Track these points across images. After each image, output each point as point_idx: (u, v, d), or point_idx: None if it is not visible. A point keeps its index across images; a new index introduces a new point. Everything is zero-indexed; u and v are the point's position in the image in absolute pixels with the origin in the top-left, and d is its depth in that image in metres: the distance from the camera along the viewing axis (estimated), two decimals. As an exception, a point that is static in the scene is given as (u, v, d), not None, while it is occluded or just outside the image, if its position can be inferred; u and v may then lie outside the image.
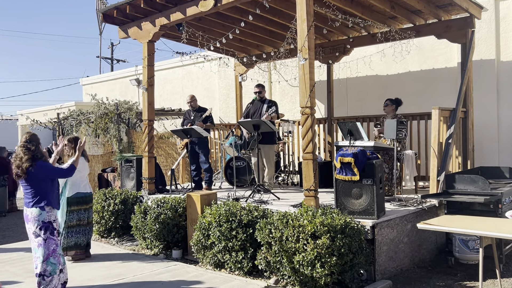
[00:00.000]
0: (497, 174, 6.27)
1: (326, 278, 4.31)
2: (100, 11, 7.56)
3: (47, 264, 4.48)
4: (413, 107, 8.37)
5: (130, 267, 5.62)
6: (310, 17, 5.20)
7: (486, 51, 8.07)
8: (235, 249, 5.15)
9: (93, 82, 17.95)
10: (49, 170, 4.62)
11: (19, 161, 4.45)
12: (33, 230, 4.49)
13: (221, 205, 5.51)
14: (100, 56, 29.15)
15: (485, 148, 7.98)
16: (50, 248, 4.51)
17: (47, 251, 4.50)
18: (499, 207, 5.10)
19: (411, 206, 5.58)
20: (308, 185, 5.18)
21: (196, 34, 7.40)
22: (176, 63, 13.76)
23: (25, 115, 16.97)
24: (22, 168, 4.41)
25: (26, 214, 4.53)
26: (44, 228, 4.48)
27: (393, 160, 6.22)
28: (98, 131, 11.86)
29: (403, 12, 7.00)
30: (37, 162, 4.47)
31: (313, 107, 5.22)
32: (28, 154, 4.45)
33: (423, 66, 8.85)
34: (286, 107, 10.65)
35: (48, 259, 4.48)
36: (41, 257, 4.48)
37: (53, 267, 4.50)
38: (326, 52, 8.81)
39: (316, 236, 4.41)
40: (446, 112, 6.35)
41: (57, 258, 4.56)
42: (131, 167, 7.96)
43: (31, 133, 4.69)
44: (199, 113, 7.67)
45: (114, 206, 7.08)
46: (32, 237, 4.52)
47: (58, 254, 4.59)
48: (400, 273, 5.16)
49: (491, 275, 4.91)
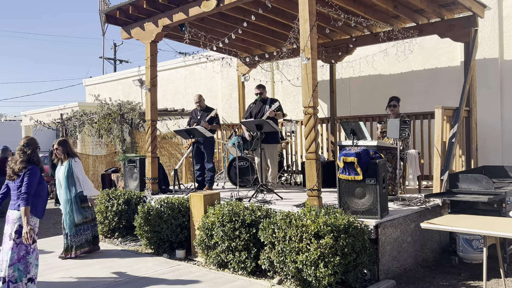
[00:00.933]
0: (501, 173, 6.25)
1: (329, 278, 4.31)
2: (103, 12, 7.58)
3: (13, 269, 4.32)
4: (416, 107, 8.36)
5: (134, 267, 5.64)
6: (312, 17, 5.20)
7: (489, 50, 8.05)
8: (238, 249, 5.16)
9: (96, 82, 18.00)
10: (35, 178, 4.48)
11: (13, 163, 4.49)
12: (9, 232, 4.40)
13: (224, 205, 5.52)
14: (103, 56, 29.24)
15: (488, 147, 7.95)
16: (20, 254, 4.37)
17: (16, 256, 4.36)
18: (503, 206, 5.08)
19: (414, 206, 5.57)
20: (311, 185, 5.18)
21: (198, 34, 7.40)
22: (179, 63, 13.79)
23: (29, 116, 17.04)
24: (14, 169, 4.43)
25: (7, 215, 4.48)
26: (19, 232, 4.37)
27: (396, 159, 6.21)
28: (102, 131, 11.90)
29: (406, 11, 6.99)
30: (30, 166, 4.46)
31: (316, 107, 5.22)
32: (23, 157, 4.48)
33: (426, 65, 8.83)
34: (289, 107, 10.65)
35: (14, 264, 4.33)
36: (8, 261, 4.32)
37: (19, 274, 4.35)
38: (328, 52, 8.80)
39: (319, 236, 4.40)
40: (449, 111, 6.33)
41: (26, 266, 4.40)
42: (134, 167, 7.98)
43: (29, 137, 4.74)
44: (206, 112, 7.68)
45: (117, 207, 7.10)
46: (6, 239, 4.41)
47: (29, 262, 4.42)
48: (404, 273, 5.15)
49: (495, 274, 4.90)
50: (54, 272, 5.55)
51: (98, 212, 7.31)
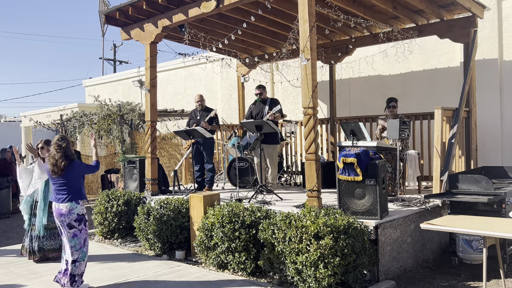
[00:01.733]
0: (501, 173, 6.25)
1: (329, 278, 4.31)
2: (103, 13, 7.59)
3: (80, 252, 4.91)
4: (416, 107, 8.37)
5: (134, 268, 5.64)
6: (312, 18, 5.20)
7: (488, 51, 8.05)
8: (238, 249, 5.16)
9: (96, 83, 18.00)
10: (83, 168, 5.20)
11: (54, 160, 4.85)
12: (67, 222, 4.86)
13: (224, 206, 5.51)
14: (103, 57, 29.24)
15: (488, 147, 7.96)
16: (83, 238, 4.94)
17: (81, 240, 4.92)
18: (502, 207, 5.09)
19: (414, 206, 5.57)
20: (310, 186, 5.18)
21: (198, 35, 7.40)
22: (179, 64, 13.79)
23: (28, 117, 17.03)
24: (59, 166, 4.83)
25: (60, 209, 4.87)
26: (79, 220, 4.90)
27: (396, 160, 6.21)
28: (101, 132, 11.90)
29: (406, 12, 6.99)
30: (74, 161, 4.95)
31: (315, 108, 5.22)
32: (61, 151, 4.86)
33: (426, 66, 8.84)
34: (288, 107, 10.65)
35: (81, 248, 4.92)
36: (76, 246, 4.89)
37: (82, 255, 4.94)
38: (328, 53, 8.81)
39: (319, 236, 4.40)
40: (449, 111, 6.33)
41: (86, 247, 5.01)
42: (134, 168, 7.98)
43: (62, 134, 4.96)
44: (205, 112, 7.67)
45: (117, 207, 7.10)
46: (67, 229, 4.88)
47: (87, 244, 5.04)
48: (404, 274, 5.15)
49: (495, 275, 4.90)
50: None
51: (97, 213, 7.31)
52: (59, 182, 4.88)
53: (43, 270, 5.71)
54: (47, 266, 5.89)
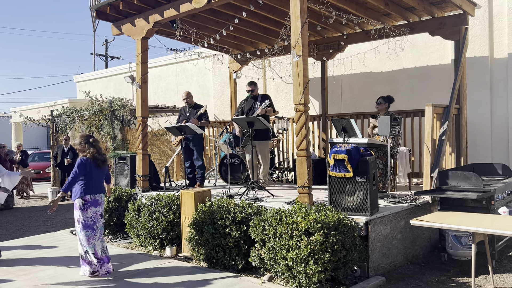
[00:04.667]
0: (490, 170, 6.31)
1: (319, 274, 4.32)
2: (93, 8, 7.51)
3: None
4: (407, 104, 8.40)
5: (124, 265, 5.61)
6: (304, 14, 5.19)
7: (479, 48, 8.10)
8: (229, 246, 5.15)
9: (87, 79, 17.88)
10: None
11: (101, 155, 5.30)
12: (100, 212, 5.26)
13: (215, 202, 5.50)
14: (94, 53, 29.08)
15: (478, 144, 8.02)
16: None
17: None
18: (491, 203, 5.13)
19: (404, 203, 5.60)
20: (302, 182, 5.19)
21: (190, 30, 7.37)
22: (170, 60, 13.74)
23: (19, 113, 16.88)
24: (106, 161, 5.36)
25: (99, 199, 5.25)
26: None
27: (387, 156, 6.24)
28: (92, 128, 11.82)
29: (397, 9, 7.01)
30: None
31: (307, 104, 5.22)
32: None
33: (417, 63, 8.87)
34: (280, 104, 10.66)
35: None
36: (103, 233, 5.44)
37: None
38: (320, 49, 8.81)
39: (309, 232, 4.41)
40: (439, 109, 6.36)
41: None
42: (125, 165, 7.94)
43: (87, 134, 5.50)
44: (194, 109, 7.63)
45: (108, 204, 7.06)
46: (99, 218, 5.25)
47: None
48: (394, 270, 5.18)
49: (483, 271, 4.94)
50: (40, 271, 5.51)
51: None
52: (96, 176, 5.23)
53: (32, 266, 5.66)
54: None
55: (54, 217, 9.41)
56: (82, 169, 5.07)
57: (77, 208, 5.13)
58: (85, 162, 5.11)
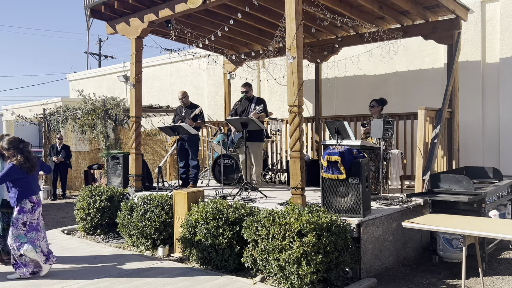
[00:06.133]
0: (481, 174, 6.36)
1: (311, 275, 4.34)
2: (88, 6, 7.48)
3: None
4: (399, 107, 8.46)
5: (116, 265, 5.59)
6: (299, 16, 5.22)
7: (472, 53, 8.18)
8: (222, 246, 5.16)
9: (80, 78, 17.79)
10: None
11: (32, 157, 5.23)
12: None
13: (208, 203, 5.50)
14: (87, 51, 28.92)
15: (470, 148, 8.08)
16: None
17: None
18: (482, 206, 5.17)
19: (396, 205, 5.64)
20: (295, 183, 5.20)
21: (184, 31, 7.37)
22: (165, 60, 13.71)
23: (10, 111, 16.77)
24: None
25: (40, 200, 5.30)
26: None
27: (379, 159, 6.27)
28: (85, 127, 11.77)
29: (391, 13, 7.06)
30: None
31: (301, 106, 5.24)
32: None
33: (410, 66, 8.93)
34: (274, 105, 10.67)
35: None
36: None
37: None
38: (314, 51, 8.84)
39: (302, 234, 4.43)
40: (432, 112, 6.41)
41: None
42: (117, 164, 7.91)
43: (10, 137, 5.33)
44: (190, 109, 7.63)
45: (100, 203, 7.03)
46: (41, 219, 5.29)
47: None
48: (385, 271, 5.21)
49: (474, 273, 4.98)
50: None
51: (80, 208, 7.24)
52: (35, 176, 5.26)
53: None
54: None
55: (45, 216, 9.34)
56: (14, 175, 5.01)
57: (25, 212, 5.05)
58: (16, 168, 5.02)
